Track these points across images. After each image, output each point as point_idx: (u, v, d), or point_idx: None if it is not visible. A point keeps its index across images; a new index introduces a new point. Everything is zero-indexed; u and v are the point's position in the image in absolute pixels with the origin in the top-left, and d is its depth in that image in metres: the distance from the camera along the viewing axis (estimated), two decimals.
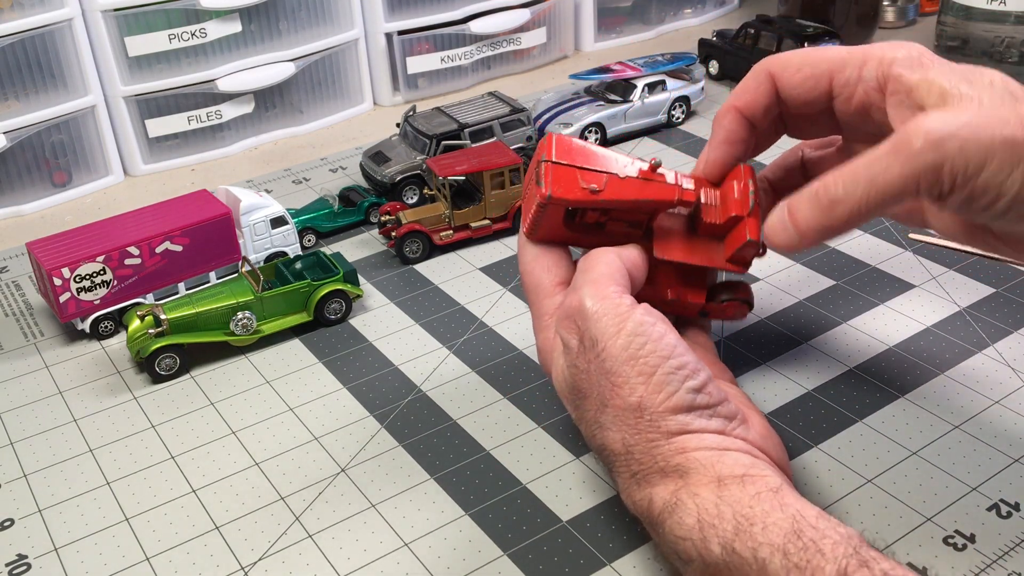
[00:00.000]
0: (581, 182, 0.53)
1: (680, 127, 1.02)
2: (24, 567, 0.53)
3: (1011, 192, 0.43)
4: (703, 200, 0.55)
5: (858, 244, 0.78)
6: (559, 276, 0.55)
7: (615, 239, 0.55)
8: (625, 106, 0.99)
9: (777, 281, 0.74)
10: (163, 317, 0.67)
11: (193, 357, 0.69)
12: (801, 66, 0.53)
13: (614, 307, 0.48)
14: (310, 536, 0.54)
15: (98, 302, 0.72)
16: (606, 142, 0.99)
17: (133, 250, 0.72)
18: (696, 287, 0.57)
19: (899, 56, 0.49)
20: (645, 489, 0.47)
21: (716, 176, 0.56)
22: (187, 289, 0.76)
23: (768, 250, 0.54)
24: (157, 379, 0.68)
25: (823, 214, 0.46)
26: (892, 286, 0.72)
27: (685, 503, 0.45)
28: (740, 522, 0.43)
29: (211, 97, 1.01)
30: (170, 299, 0.71)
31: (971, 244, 0.52)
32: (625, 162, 0.54)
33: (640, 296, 0.52)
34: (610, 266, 0.51)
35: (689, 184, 0.55)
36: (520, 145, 0.93)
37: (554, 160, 0.53)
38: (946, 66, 0.47)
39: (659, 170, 0.54)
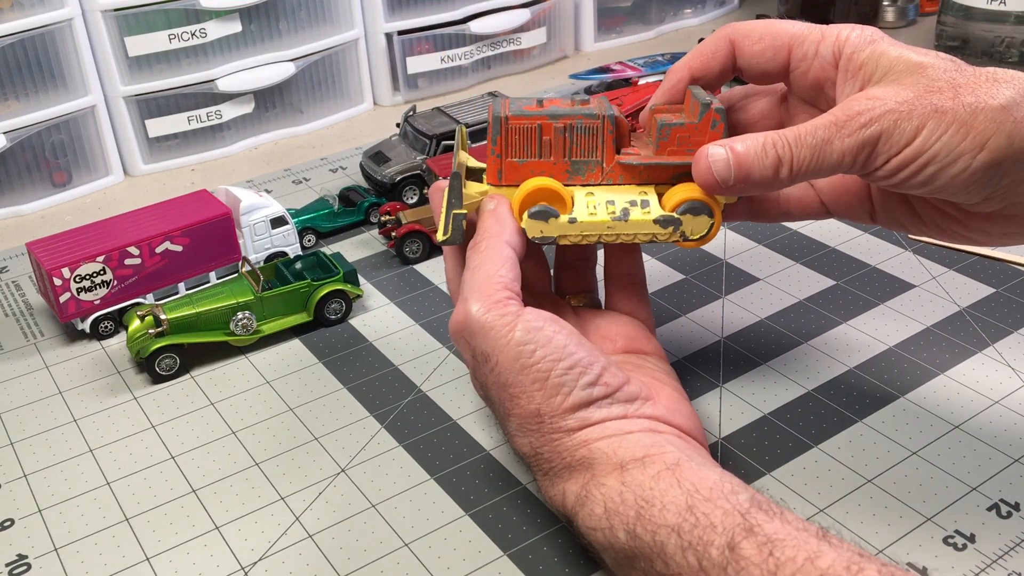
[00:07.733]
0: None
1: None
2: (24, 567, 0.53)
3: (939, 155, 0.45)
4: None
5: (858, 244, 0.78)
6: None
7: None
8: None
9: (777, 281, 0.74)
10: (163, 317, 0.67)
11: (193, 357, 0.69)
12: (763, 36, 0.54)
13: (499, 317, 0.48)
14: (310, 536, 0.54)
15: (98, 302, 0.72)
16: None
17: (133, 250, 0.72)
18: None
19: (852, 36, 0.51)
20: (558, 485, 0.49)
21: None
22: (187, 289, 0.76)
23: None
24: (157, 379, 0.68)
25: (767, 170, 0.48)
26: (892, 286, 0.72)
27: (593, 494, 0.46)
28: (641, 505, 0.44)
29: (211, 97, 1.01)
30: (170, 299, 0.71)
31: (937, 236, 0.54)
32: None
33: None
34: (496, 262, 0.51)
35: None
36: None
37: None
38: (896, 46, 0.49)
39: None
